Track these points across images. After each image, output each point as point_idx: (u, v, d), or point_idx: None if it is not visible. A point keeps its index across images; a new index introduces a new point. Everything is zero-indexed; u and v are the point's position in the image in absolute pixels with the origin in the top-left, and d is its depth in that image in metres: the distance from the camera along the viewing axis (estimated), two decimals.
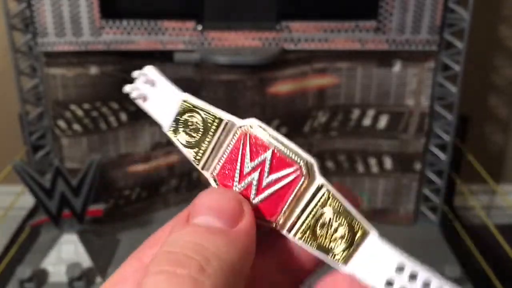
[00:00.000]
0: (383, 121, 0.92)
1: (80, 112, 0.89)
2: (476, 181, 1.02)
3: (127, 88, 0.20)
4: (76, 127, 0.90)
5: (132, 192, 0.98)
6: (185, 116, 0.20)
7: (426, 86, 0.89)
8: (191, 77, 0.89)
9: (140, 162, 0.96)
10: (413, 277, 0.18)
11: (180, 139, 0.20)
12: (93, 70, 0.87)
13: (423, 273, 0.18)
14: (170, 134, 0.20)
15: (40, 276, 0.80)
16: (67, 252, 0.82)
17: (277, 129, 0.90)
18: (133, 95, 0.20)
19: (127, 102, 0.88)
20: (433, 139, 0.93)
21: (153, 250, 0.19)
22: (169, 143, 0.20)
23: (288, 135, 0.19)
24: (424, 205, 0.98)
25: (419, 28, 0.84)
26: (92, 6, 0.82)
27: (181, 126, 0.20)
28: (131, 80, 0.21)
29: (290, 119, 0.93)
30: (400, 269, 0.18)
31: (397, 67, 0.88)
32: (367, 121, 0.93)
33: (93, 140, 0.91)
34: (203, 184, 0.95)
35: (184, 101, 0.20)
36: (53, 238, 0.84)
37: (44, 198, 0.82)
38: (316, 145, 0.95)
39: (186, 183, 1.01)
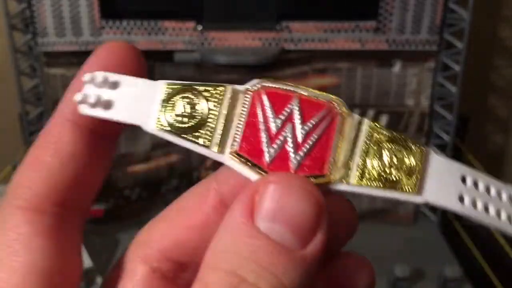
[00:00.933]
0: (383, 121, 0.92)
1: None
2: None
3: (78, 97, 0.16)
4: None
5: (132, 192, 0.98)
6: (175, 101, 0.16)
7: (426, 86, 0.89)
8: (191, 77, 0.89)
9: (140, 162, 0.96)
10: (476, 184, 0.16)
11: (175, 130, 0.16)
12: None
13: (484, 178, 0.16)
14: (162, 129, 0.16)
15: None
16: None
17: None
18: (91, 101, 0.16)
19: None
20: (433, 139, 0.93)
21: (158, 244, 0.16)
22: (170, 142, 0.16)
23: None
24: (424, 205, 0.98)
25: (419, 28, 0.84)
26: (92, 6, 0.82)
27: (172, 113, 0.16)
28: None
29: None
30: (464, 179, 0.16)
31: (397, 67, 0.88)
32: None
33: None
34: None
35: (168, 84, 0.16)
36: None
37: None
38: None
39: (187, 183, 1.01)
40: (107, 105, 0.16)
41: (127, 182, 0.96)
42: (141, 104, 0.16)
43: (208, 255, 0.14)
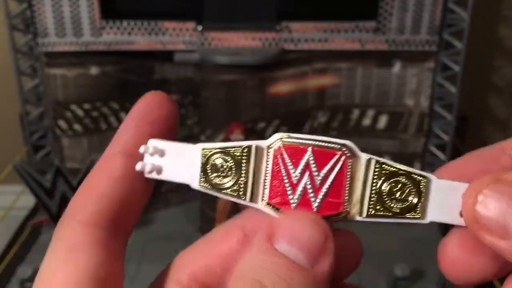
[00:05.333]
0: (382, 121, 0.92)
1: (80, 112, 0.89)
2: None
3: (138, 167, 0.20)
4: (77, 127, 0.90)
5: None
6: (211, 162, 0.20)
7: (425, 86, 0.89)
8: (191, 77, 0.89)
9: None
10: None
11: (216, 186, 0.20)
12: (94, 70, 0.87)
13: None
14: (204, 187, 0.20)
15: None
16: None
17: (277, 129, 0.91)
18: (147, 169, 0.20)
19: (127, 102, 0.88)
20: (433, 139, 0.93)
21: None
22: None
23: None
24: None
25: (418, 28, 0.84)
26: (93, 6, 0.82)
27: (211, 173, 0.20)
28: (131, 80, 0.20)
29: (290, 119, 0.93)
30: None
31: (396, 67, 0.89)
32: (366, 121, 0.93)
33: (94, 140, 0.91)
34: None
35: (204, 149, 0.20)
36: None
37: (44, 198, 0.82)
38: None
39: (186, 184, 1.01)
40: (160, 170, 0.20)
41: None
42: (186, 168, 0.20)
43: (237, 269, 0.18)
